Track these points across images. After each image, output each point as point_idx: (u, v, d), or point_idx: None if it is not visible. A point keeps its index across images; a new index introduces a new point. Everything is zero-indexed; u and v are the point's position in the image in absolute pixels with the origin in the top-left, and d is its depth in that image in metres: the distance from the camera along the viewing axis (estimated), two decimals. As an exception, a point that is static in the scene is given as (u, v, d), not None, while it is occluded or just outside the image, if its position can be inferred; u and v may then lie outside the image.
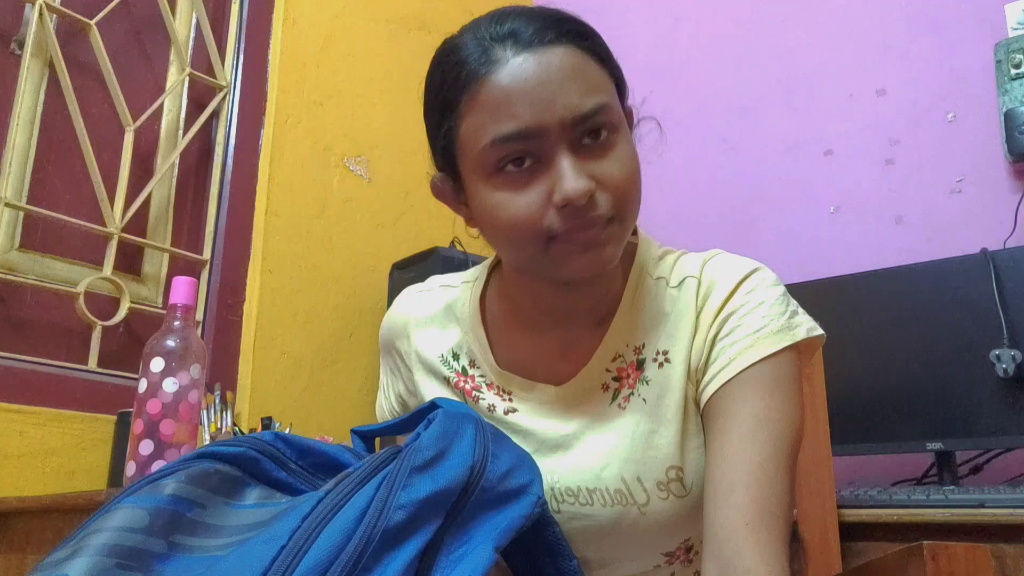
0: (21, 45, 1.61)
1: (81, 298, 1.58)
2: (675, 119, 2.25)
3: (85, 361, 1.58)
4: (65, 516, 1.27)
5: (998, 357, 1.42)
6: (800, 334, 0.75)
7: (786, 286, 0.81)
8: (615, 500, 0.74)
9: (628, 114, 0.79)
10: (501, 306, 0.83)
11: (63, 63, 1.63)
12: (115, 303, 1.65)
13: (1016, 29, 1.77)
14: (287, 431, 1.49)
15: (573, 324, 0.80)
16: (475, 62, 0.72)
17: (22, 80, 1.58)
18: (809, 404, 1.21)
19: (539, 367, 0.80)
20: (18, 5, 1.62)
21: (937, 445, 1.47)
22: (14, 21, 1.63)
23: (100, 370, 1.59)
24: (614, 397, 0.77)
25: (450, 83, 0.74)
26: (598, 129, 0.70)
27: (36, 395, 1.48)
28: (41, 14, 1.62)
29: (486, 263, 0.88)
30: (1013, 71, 1.75)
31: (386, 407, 0.94)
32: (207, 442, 1.51)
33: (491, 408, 0.80)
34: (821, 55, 2.07)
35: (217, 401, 1.57)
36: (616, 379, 0.78)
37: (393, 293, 1.94)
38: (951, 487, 1.35)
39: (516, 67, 0.70)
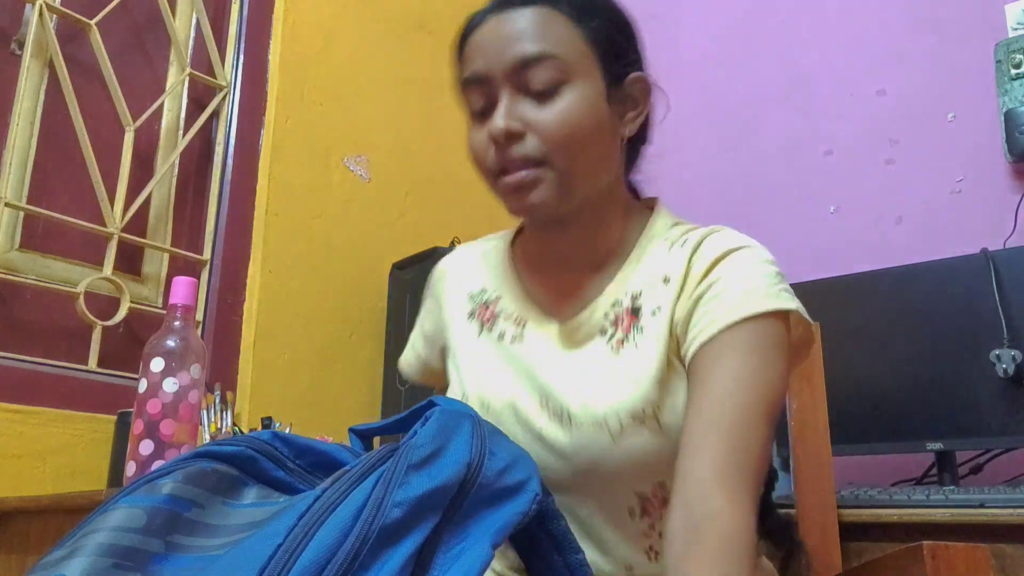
0: (21, 45, 1.61)
1: (81, 298, 1.58)
2: (675, 119, 2.24)
3: (85, 361, 1.58)
4: (65, 516, 1.27)
5: (998, 357, 1.42)
6: (787, 304, 0.77)
7: None
8: (594, 425, 0.78)
9: (635, 83, 0.86)
10: (522, 254, 0.94)
11: (63, 63, 1.63)
12: (115, 303, 1.65)
13: (1016, 29, 1.77)
14: (287, 431, 1.50)
15: (573, 267, 0.88)
16: (471, 21, 0.85)
17: (22, 80, 1.58)
18: (809, 404, 1.21)
19: (550, 306, 0.88)
20: (18, 5, 1.63)
21: (937, 445, 1.47)
22: (14, 21, 1.63)
23: (100, 370, 1.59)
24: (608, 340, 0.83)
25: (459, 35, 0.87)
26: (543, 80, 0.78)
27: (36, 395, 1.48)
28: (41, 14, 1.62)
29: (518, 225, 0.98)
30: (1013, 71, 1.75)
31: (410, 356, 1.02)
32: (207, 442, 1.51)
33: (501, 335, 0.88)
34: (821, 55, 2.07)
35: (217, 401, 1.57)
36: (613, 324, 0.83)
37: (393, 293, 1.95)
38: (951, 487, 1.35)
39: (487, 25, 0.82)
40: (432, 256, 1.82)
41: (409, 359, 1.02)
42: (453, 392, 0.90)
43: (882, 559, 0.83)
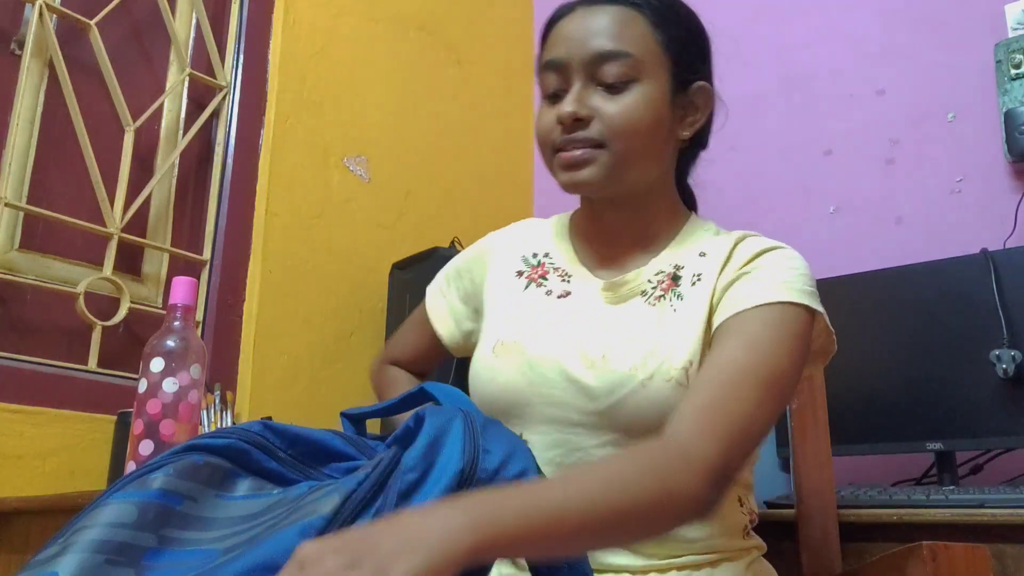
0: (21, 45, 1.61)
1: (81, 298, 1.58)
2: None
3: (85, 361, 1.58)
4: (65, 516, 1.26)
5: (998, 357, 1.42)
6: (816, 305, 0.83)
7: None
8: (625, 369, 0.84)
9: (699, 92, 0.93)
10: (577, 225, 1.01)
11: (63, 63, 1.63)
12: (115, 303, 1.65)
13: (1016, 29, 1.77)
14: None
15: (620, 243, 0.95)
16: (560, 9, 0.93)
17: (22, 80, 1.58)
18: (809, 404, 1.21)
19: (596, 269, 0.95)
20: (18, 5, 1.62)
21: (937, 445, 1.47)
22: (14, 21, 1.63)
23: (100, 370, 1.59)
24: (647, 299, 0.90)
25: (547, 21, 0.94)
26: (616, 73, 0.86)
27: (36, 395, 1.48)
28: (41, 14, 1.62)
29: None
30: (1013, 71, 1.75)
31: (443, 311, 1.07)
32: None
33: (549, 292, 0.95)
34: (821, 55, 2.07)
35: (217, 401, 1.57)
36: (654, 288, 0.91)
37: (393, 293, 1.95)
38: (951, 487, 1.35)
39: (574, 16, 0.90)
40: (432, 256, 1.82)
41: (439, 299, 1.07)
42: (485, 340, 0.94)
43: (882, 559, 0.83)
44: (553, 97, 0.90)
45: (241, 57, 1.92)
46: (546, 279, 0.96)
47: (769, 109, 2.12)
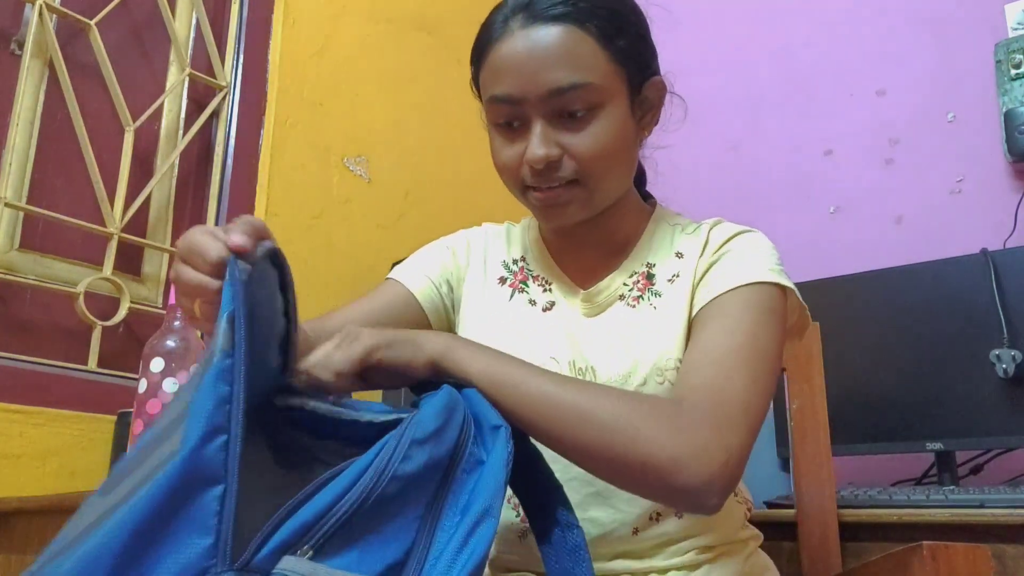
0: (21, 45, 1.61)
1: (81, 298, 1.58)
2: (675, 119, 2.25)
3: (85, 361, 1.58)
4: (65, 516, 1.26)
5: (998, 357, 1.42)
6: (787, 282, 0.85)
7: None
8: (617, 380, 0.84)
9: (654, 88, 0.90)
10: (545, 238, 0.99)
11: (63, 63, 1.63)
12: (115, 303, 1.65)
13: (1016, 29, 1.77)
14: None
15: (591, 251, 0.94)
16: (494, 27, 0.86)
17: (22, 80, 1.58)
18: (809, 404, 1.21)
19: (573, 279, 0.94)
20: (18, 5, 1.62)
21: (937, 445, 1.47)
22: (14, 21, 1.63)
23: (100, 370, 1.59)
24: (626, 303, 0.90)
25: (480, 39, 0.88)
26: (577, 108, 0.81)
27: (36, 395, 1.48)
28: (41, 14, 1.62)
29: None
30: (1013, 71, 1.75)
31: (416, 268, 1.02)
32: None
33: (532, 302, 0.94)
34: (821, 55, 2.07)
35: (217, 401, 1.57)
36: (630, 290, 0.90)
37: (393, 293, 1.95)
38: (951, 487, 1.36)
39: (516, 39, 0.82)
40: (432, 256, 1.82)
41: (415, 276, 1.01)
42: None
43: (882, 559, 0.83)
44: (508, 127, 0.85)
45: (241, 57, 1.92)
46: (527, 285, 0.96)
47: (769, 109, 2.12)
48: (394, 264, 1.93)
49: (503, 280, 0.97)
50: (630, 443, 0.66)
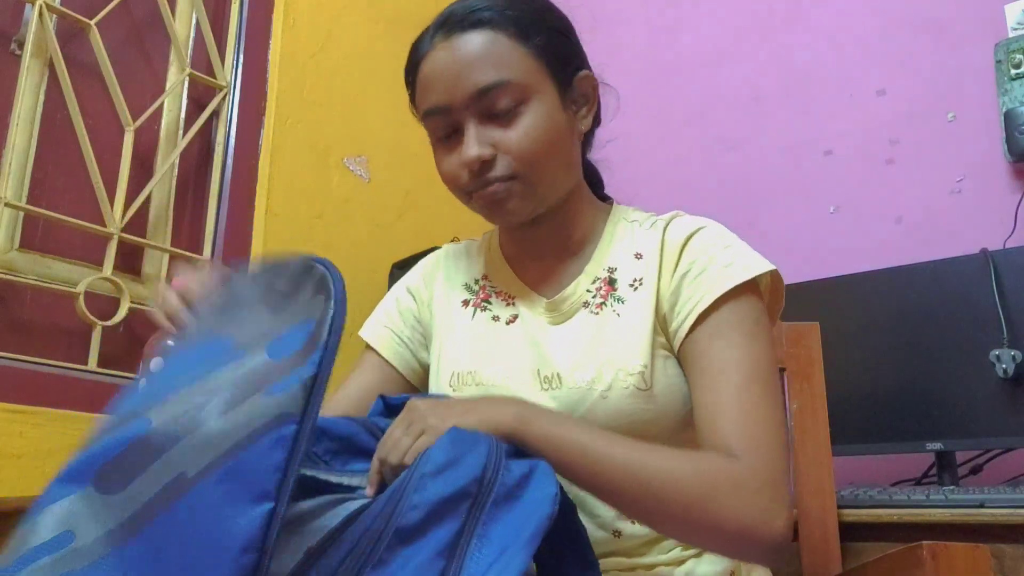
0: (21, 45, 1.61)
1: (81, 298, 1.58)
2: (675, 118, 2.25)
3: (85, 361, 1.58)
4: (65, 516, 1.26)
5: (998, 357, 1.42)
6: (758, 267, 0.85)
7: (786, 286, 0.89)
8: (583, 385, 0.85)
9: (583, 82, 0.91)
10: (503, 247, 1.01)
11: (63, 63, 1.63)
12: (115, 303, 1.65)
13: (1016, 29, 1.77)
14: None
15: (549, 256, 0.95)
16: (418, 47, 0.92)
17: (22, 80, 1.58)
18: (809, 404, 1.21)
19: (535, 288, 0.95)
20: (18, 5, 1.62)
21: (937, 445, 1.47)
22: (14, 21, 1.63)
23: (100, 370, 1.59)
24: (590, 309, 0.90)
25: (409, 62, 0.94)
26: (503, 104, 0.84)
27: (36, 395, 1.48)
28: (41, 14, 1.62)
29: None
30: (1013, 71, 1.75)
31: (386, 336, 1.05)
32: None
33: (496, 318, 0.95)
34: (821, 55, 2.07)
35: (217, 401, 1.57)
36: (594, 296, 0.91)
37: (393, 293, 1.95)
38: (951, 487, 1.36)
39: (437, 53, 0.88)
40: (432, 256, 1.83)
41: (383, 337, 1.04)
42: (441, 371, 0.94)
43: (882, 559, 0.83)
44: (445, 139, 0.89)
45: (241, 57, 1.91)
46: (490, 303, 0.96)
47: (769, 109, 2.12)
48: (393, 265, 1.94)
49: (466, 303, 0.99)
50: (701, 513, 0.68)
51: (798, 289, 1.64)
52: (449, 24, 0.87)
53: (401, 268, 1.92)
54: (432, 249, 1.89)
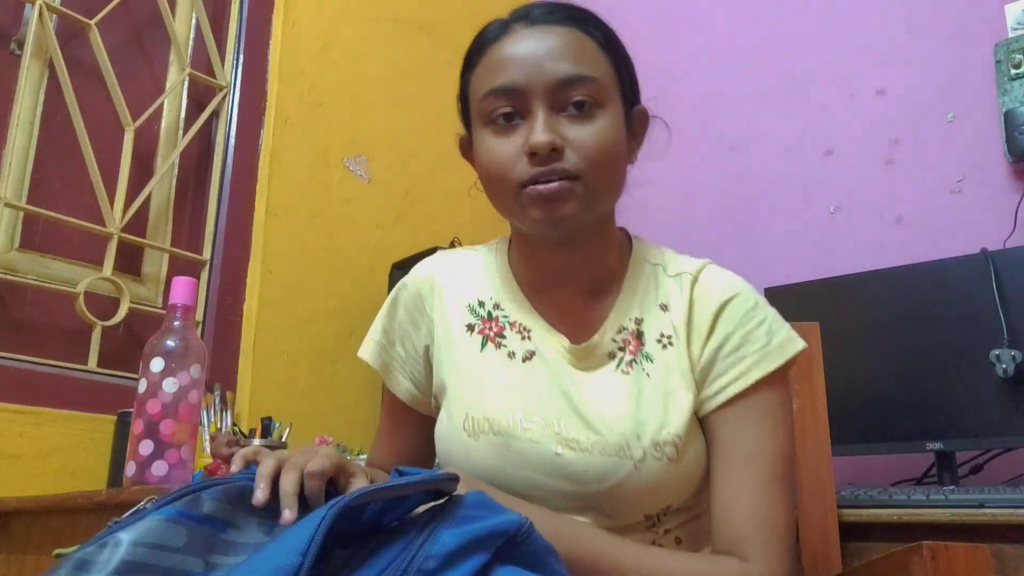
0: (21, 45, 1.61)
1: (81, 298, 1.58)
2: (675, 119, 2.24)
3: (85, 361, 1.58)
4: (65, 516, 1.27)
5: (998, 357, 1.42)
6: (791, 349, 0.84)
7: (786, 286, 0.87)
8: (614, 452, 0.80)
9: (639, 115, 0.89)
10: (519, 274, 0.92)
11: (63, 63, 1.63)
12: (115, 303, 1.65)
13: (1016, 29, 1.77)
14: (286, 431, 1.50)
15: (570, 289, 0.88)
16: (492, 32, 0.85)
17: (22, 80, 1.58)
18: (809, 404, 1.21)
19: (555, 324, 0.88)
20: (18, 5, 1.63)
21: (937, 445, 1.47)
22: (14, 21, 1.63)
23: (100, 370, 1.59)
24: (618, 364, 0.85)
25: (472, 49, 0.87)
26: (581, 100, 0.80)
27: (36, 395, 1.48)
28: (41, 14, 1.62)
29: (502, 236, 0.97)
30: (1013, 71, 1.75)
31: (401, 380, 0.96)
32: (206, 442, 1.51)
33: (511, 355, 0.87)
34: (821, 55, 2.07)
35: (217, 401, 1.57)
36: (621, 348, 0.86)
37: (393, 293, 1.94)
38: (951, 487, 1.35)
39: (519, 37, 0.83)
40: (432, 256, 1.82)
41: (400, 382, 0.96)
42: (451, 412, 0.87)
43: (882, 559, 0.83)
44: (504, 122, 0.82)
45: (241, 57, 1.92)
46: (504, 338, 0.88)
47: (769, 109, 2.12)
48: (393, 265, 1.94)
49: (471, 328, 0.90)
50: None
51: (798, 289, 1.64)
52: (533, 16, 0.84)
53: (401, 269, 1.92)
54: (432, 250, 1.89)
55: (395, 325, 0.96)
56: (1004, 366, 1.41)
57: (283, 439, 1.49)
